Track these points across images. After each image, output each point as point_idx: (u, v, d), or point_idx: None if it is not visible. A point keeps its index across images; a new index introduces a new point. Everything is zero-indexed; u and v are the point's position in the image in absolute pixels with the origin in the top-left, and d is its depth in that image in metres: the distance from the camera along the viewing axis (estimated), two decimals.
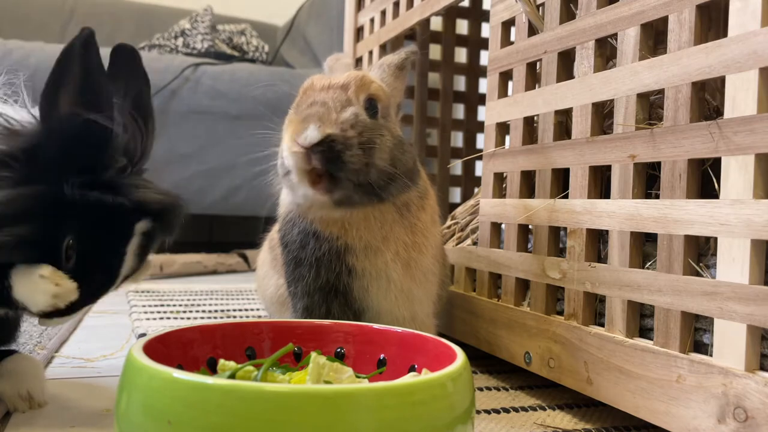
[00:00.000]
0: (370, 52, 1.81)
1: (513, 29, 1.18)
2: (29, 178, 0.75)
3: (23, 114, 0.80)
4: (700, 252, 0.83)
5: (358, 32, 1.91)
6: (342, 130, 0.83)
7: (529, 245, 1.13)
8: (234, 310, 1.78)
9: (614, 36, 0.93)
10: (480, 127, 1.97)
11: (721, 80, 0.76)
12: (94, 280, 0.80)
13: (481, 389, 1.11)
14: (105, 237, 0.79)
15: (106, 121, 0.76)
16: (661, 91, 0.85)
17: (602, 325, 0.94)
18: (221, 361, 0.71)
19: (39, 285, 0.74)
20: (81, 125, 0.75)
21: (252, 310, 1.80)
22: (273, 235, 1.19)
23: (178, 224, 0.87)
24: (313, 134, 0.82)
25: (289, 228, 0.99)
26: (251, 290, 2.13)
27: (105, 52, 0.79)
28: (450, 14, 1.91)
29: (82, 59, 0.75)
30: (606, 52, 0.97)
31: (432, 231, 1.02)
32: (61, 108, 0.76)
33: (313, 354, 0.69)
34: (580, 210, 0.97)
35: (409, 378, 0.66)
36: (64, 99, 0.76)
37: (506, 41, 1.20)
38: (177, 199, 0.86)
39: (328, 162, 0.83)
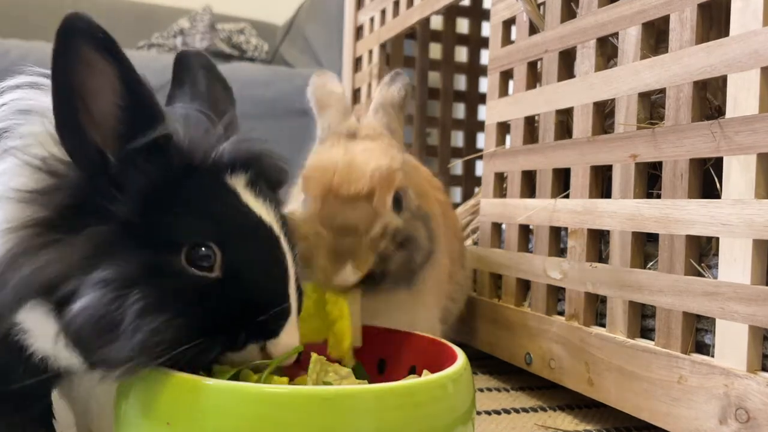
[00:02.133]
0: (370, 51, 1.81)
1: (514, 28, 1.17)
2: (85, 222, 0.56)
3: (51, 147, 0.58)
4: (702, 252, 0.82)
5: (358, 31, 1.90)
6: (376, 249, 0.77)
7: (530, 245, 1.12)
8: None
9: (615, 35, 0.92)
10: (480, 126, 1.97)
11: (723, 79, 0.76)
12: (259, 261, 0.61)
13: (481, 390, 1.10)
14: (213, 207, 0.60)
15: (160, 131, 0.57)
16: (662, 91, 0.85)
17: (603, 325, 0.94)
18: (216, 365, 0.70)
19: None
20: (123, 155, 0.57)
21: None
22: None
23: (280, 168, 0.68)
24: (350, 278, 0.76)
25: None
26: None
27: None
28: (450, 13, 1.90)
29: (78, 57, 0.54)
30: (607, 51, 0.97)
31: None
32: (91, 139, 0.56)
33: (314, 355, 0.68)
34: (581, 210, 0.96)
35: (410, 379, 0.66)
36: (91, 125, 0.56)
37: (507, 40, 1.19)
38: (265, 144, 0.67)
39: (368, 284, 0.79)
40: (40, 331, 0.58)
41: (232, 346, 0.59)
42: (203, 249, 0.57)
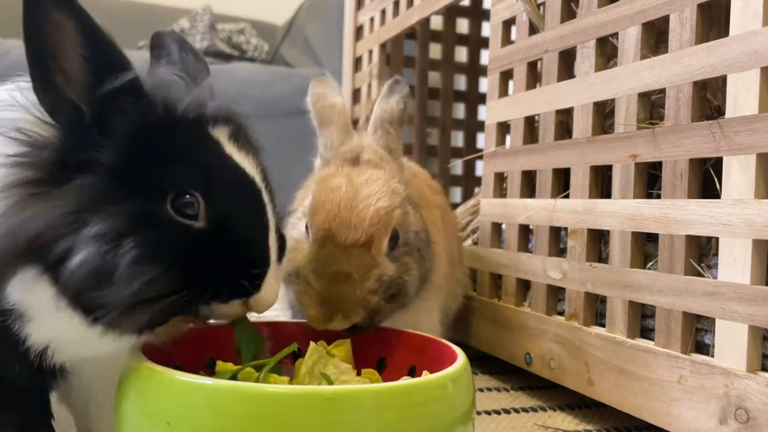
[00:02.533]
0: (370, 51, 1.81)
1: (514, 28, 1.17)
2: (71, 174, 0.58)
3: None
4: (702, 252, 0.82)
5: (358, 31, 1.90)
6: (366, 305, 0.77)
7: (530, 245, 1.12)
8: None
9: (615, 35, 0.92)
10: (480, 126, 1.97)
11: (723, 79, 0.76)
12: (244, 205, 0.63)
13: (481, 390, 1.10)
14: (198, 156, 0.62)
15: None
16: (662, 91, 0.85)
17: (603, 325, 0.94)
18: (219, 362, 0.71)
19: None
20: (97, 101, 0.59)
21: None
22: None
23: (248, 128, 0.70)
24: (340, 326, 0.77)
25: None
26: None
27: None
28: (450, 13, 1.90)
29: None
30: (607, 52, 0.97)
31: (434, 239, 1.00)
32: (66, 95, 0.58)
33: (312, 343, 0.69)
34: (581, 210, 0.96)
35: (409, 379, 0.66)
36: (62, 78, 0.58)
37: (507, 40, 1.19)
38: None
39: (356, 331, 0.79)
40: (36, 299, 0.58)
41: (217, 298, 0.60)
42: (187, 196, 0.59)
